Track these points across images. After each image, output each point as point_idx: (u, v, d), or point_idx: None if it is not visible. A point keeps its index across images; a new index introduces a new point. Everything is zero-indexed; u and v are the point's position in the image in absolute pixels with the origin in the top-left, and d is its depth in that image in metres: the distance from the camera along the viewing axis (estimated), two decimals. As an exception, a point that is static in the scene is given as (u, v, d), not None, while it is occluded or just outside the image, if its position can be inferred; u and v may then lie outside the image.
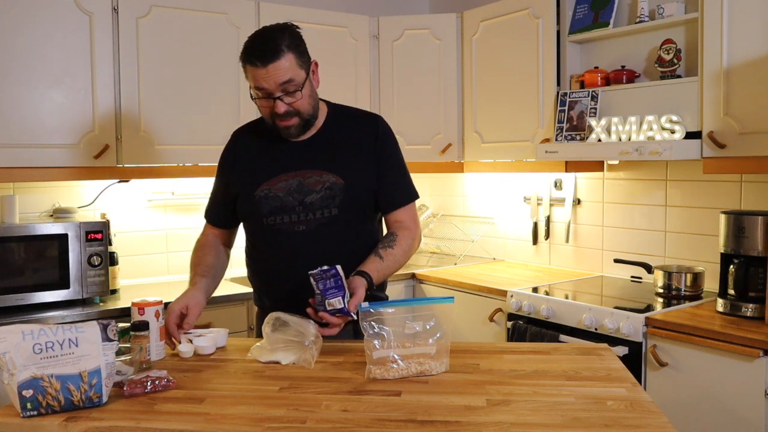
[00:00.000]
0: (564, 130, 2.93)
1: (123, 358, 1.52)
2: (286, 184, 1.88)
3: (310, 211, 1.86)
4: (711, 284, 2.68)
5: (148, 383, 1.47)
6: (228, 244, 2.09)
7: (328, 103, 2.00)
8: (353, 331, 1.93)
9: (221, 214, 2.04)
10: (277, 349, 1.69)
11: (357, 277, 1.75)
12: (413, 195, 1.99)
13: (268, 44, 1.77)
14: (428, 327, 1.56)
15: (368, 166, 1.92)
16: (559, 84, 3.07)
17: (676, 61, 2.66)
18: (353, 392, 1.46)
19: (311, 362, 1.64)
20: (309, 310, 1.70)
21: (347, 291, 1.68)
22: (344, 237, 1.87)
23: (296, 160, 1.90)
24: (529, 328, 2.71)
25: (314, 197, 1.86)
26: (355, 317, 1.66)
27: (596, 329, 2.51)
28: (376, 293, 1.97)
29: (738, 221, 2.38)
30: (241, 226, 2.06)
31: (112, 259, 2.84)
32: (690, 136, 2.53)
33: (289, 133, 1.87)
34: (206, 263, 1.97)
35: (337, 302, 1.66)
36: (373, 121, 2.00)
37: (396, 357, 1.54)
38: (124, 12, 2.84)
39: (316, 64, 1.91)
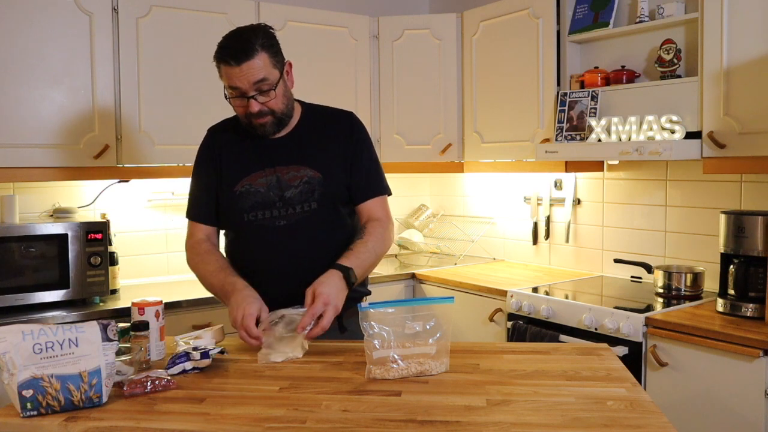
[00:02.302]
0: (564, 130, 2.93)
1: (123, 358, 1.52)
2: (265, 180, 1.90)
3: (290, 205, 1.88)
4: (711, 284, 2.68)
5: (148, 383, 1.47)
6: (218, 245, 2.04)
7: (302, 103, 2.02)
8: (338, 326, 1.94)
9: (208, 210, 1.98)
10: (276, 347, 1.70)
11: (330, 270, 1.77)
12: (385, 190, 2.00)
13: (242, 43, 1.77)
14: (428, 327, 1.56)
15: (344, 160, 1.94)
16: (559, 84, 3.07)
17: (676, 61, 2.66)
18: (353, 392, 1.46)
19: (304, 347, 1.69)
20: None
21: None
22: (324, 230, 1.87)
23: (273, 156, 1.92)
24: (529, 328, 2.71)
25: (293, 192, 1.88)
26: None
27: (596, 329, 2.51)
28: (358, 288, 1.98)
29: (738, 221, 2.38)
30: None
31: (112, 259, 2.84)
32: (690, 136, 2.53)
33: (265, 131, 1.88)
34: (226, 264, 1.94)
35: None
36: (347, 117, 2.01)
37: (396, 357, 1.54)
38: (124, 12, 2.84)
39: (290, 65, 1.91)
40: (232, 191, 1.91)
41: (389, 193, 2.02)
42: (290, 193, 1.88)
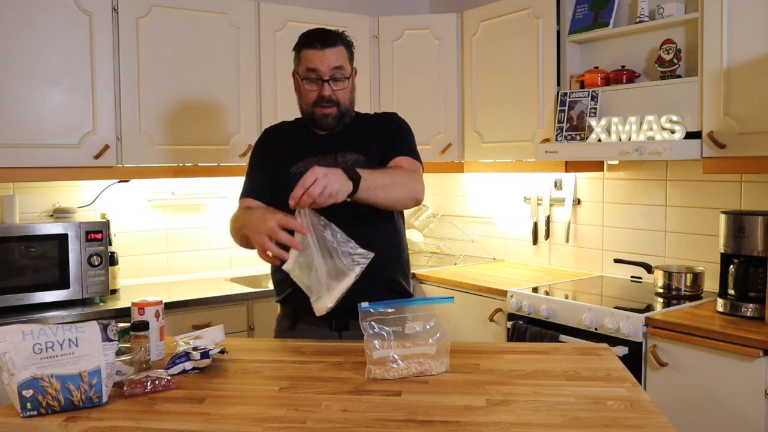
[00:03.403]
0: (564, 130, 2.93)
1: (123, 358, 1.52)
2: (318, 164, 1.94)
3: None
4: (711, 284, 2.68)
5: (148, 383, 1.47)
6: None
7: (355, 111, 2.13)
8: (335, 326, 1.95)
9: (261, 189, 2.03)
10: (326, 290, 1.67)
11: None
12: (414, 155, 2.02)
13: (328, 33, 1.96)
14: (428, 327, 1.56)
15: (383, 141, 2.02)
16: (559, 84, 3.07)
17: (676, 61, 2.66)
18: (353, 392, 1.46)
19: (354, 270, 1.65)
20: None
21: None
22: (368, 210, 1.85)
23: (326, 146, 2.02)
24: (529, 328, 2.71)
25: None
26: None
27: (596, 329, 2.51)
28: (403, 284, 2.03)
29: (738, 221, 2.38)
30: None
31: (112, 259, 2.84)
32: (690, 136, 2.53)
33: (326, 122, 1.99)
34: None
35: None
36: (391, 113, 2.15)
37: (396, 357, 1.54)
38: (124, 12, 2.84)
39: (356, 71, 2.05)
40: (288, 173, 1.98)
41: (420, 161, 2.03)
42: None
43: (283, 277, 2.02)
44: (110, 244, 2.82)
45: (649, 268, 2.93)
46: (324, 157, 1.99)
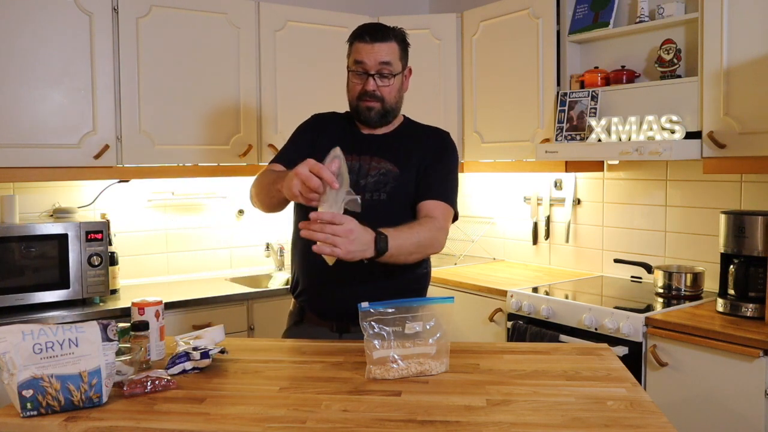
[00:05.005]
0: (564, 130, 2.93)
1: (123, 358, 1.52)
2: (348, 165, 1.91)
3: (362, 191, 1.92)
4: (711, 284, 2.68)
5: (148, 383, 1.47)
6: None
7: (404, 116, 2.10)
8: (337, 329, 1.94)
9: (293, 161, 1.92)
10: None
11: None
12: (451, 201, 1.95)
13: (380, 28, 1.95)
14: (428, 327, 1.56)
15: (424, 162, 1.98)
16: (559, 84, 3.07)
17: (676, 61, 2.66)
18: (353, 392, 1.46)
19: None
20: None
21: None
22: (387, 222, 1.80)
23: (362, 146, 1.98)
24: (529, 328, 2.71)
25: (368, 180, 1.94)
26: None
27: (596, 329, 2.51)
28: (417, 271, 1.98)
29: (738, 221, 2.38)
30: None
31: (112, 259, 2.84)
32: (690, 136, 2.53)
33: (368, 117, 1.95)
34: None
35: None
36: (443, 134, 2.08)
37: (396, 357, 1.54)
38: (124, 12, 2.84)
39: (410, 71, 2.02)
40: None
41: (453, 208, 1.96)
42: (365, 181, 1.93)
43: (298, 270, 2.02)
44: (110, 244, 2.82)
45: (649, 268, 2.93)
46: (358, 158, 1.95)
